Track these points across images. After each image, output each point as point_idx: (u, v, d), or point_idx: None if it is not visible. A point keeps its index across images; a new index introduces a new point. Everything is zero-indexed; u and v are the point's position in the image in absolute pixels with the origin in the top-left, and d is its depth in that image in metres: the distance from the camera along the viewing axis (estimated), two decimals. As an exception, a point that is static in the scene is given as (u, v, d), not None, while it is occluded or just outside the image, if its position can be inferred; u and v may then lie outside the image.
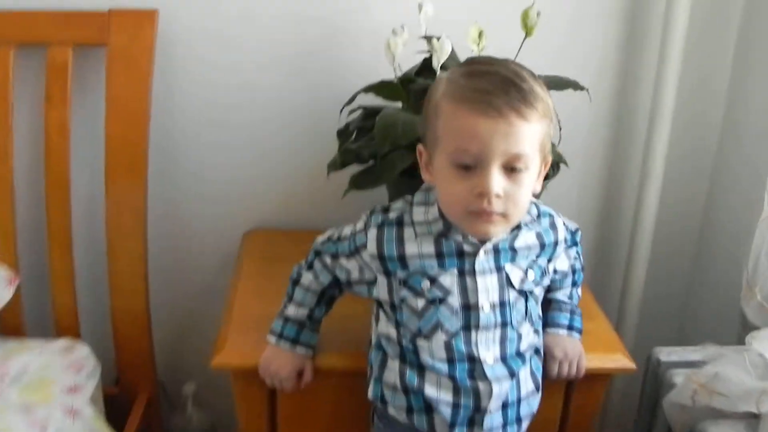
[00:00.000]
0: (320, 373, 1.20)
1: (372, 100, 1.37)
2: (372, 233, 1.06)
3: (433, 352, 1.05)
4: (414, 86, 1.29)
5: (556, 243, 1.09)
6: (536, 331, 1.11)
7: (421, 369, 1.05)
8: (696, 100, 1.60)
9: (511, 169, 0.96)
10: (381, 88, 1.34)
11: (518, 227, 1.05)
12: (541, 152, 0.99)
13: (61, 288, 1.55)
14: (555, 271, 1.13)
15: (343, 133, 1.38)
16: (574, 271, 1.19)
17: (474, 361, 1.04)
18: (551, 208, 1.13)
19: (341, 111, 1.37)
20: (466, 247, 1.03)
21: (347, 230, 1.12)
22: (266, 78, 1.54)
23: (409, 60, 1.35)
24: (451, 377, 1.04)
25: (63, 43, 1.43)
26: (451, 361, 1.04)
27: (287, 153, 1.59)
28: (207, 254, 1.67)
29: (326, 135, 1.44)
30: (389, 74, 1.33)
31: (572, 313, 1.19)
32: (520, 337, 1.07)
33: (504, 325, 1.05)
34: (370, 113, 1.34)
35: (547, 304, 1.19)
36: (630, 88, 1.60)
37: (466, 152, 0.95)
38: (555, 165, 1.30)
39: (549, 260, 1.10)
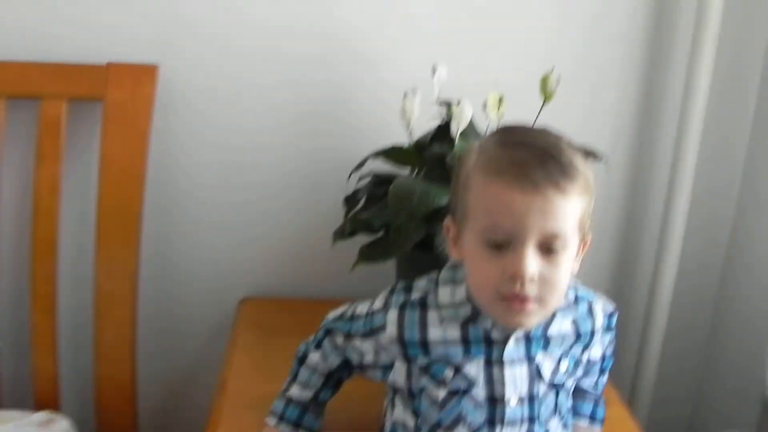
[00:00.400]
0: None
1: (380, 166, 1.32)
2: (392, 315, 0.98)
3: None
4: (428, 153, 1.23)
5: (593, 332, 1.01)
6: (565, 425, 1.02)
7: None
8: (715, 170, 1.56)
9: (547, 249, 0.88)
10: (393, 154, 1.28)
11: (553, 315, 0.97)
12: (580, 231, 0.91)
13: (42, 355, 1.45)
14: (588, 361, 1.05)
15: (350, 200, 1.32)
16: (603, 358, 1.10)
17: None
18: (589, 290, 1.06)
19: (349, 176, 1.31)
20: (495, 334, 0.95)
21: (362, 308, 1.04)
22: (269, 139, 1.48)
23: (419, 126, 1.29)
24: None
25: (57, 97, 1.37)
26: None
27: (290, 218, 1.53)
28: (200, 322, 1.59)
29: (332, 201, 1.39)
30: (397, 140, 1.28)
31: (596, 403, 1.12)
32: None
33: (531, 420, 0.97)
34: (381, 180, 1.27)
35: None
36: (647, 158, 1.56)
37: (499, 229, 0.87)
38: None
39: (584, 350, 1.02)
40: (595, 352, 1.05)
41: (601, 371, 1.10)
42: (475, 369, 0.95)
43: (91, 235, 1.41)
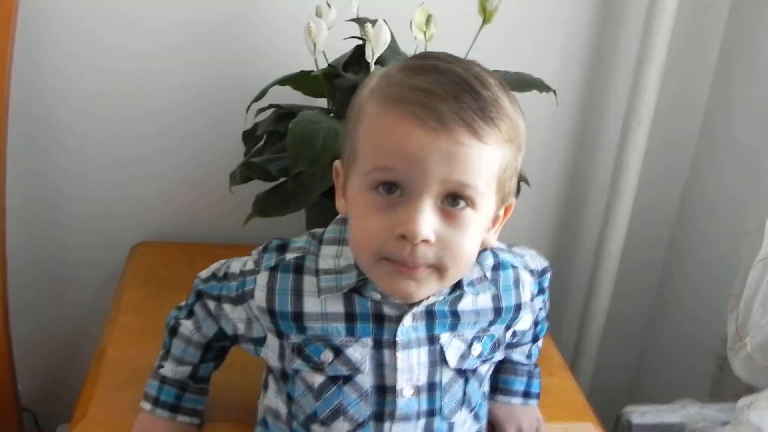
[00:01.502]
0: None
1: (290, 96, 1.14)
2: (262, 279, 0.80)
3: None
4: (341, 81, 1.05)
5: (518, 307, 0.84)
6: (477, 416, 0.86)
7: None
8: (673, 111, 1.44)
9: (451, 203, 0.70)
10: (299, 81, 1.10)
11: (459, 286, 0.79)
12: (499, 188, 0.72)
13: None
14: (514, 334, 0.89)
15: (249, 136, 1.14)
16: (536, 323, 0.94)
17: None
18: (518, 247, 0.89)
19: (248, 108, 1.13)
20: (387, 309, 0.78)
21: (235, 266, 0.86)
22: (160, 63, 1.30)
23: (336, 49, 1.11)
24: None
25: None
26: None
27: (187, 155, 1.37)
28: (86, 272, 1.44)
29: (233, 136, 1.20)
30: (312, 64, 1.08)
31: (530, 376, 0.97)
32: (452, 428, 0.83)
33: (431, 413, 0.80)
34: (284, 114, 1.09)
35: (499, 363, 0.94)
36: (601, 93, 1.42)
37: (388, 172, 0.69)
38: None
39: (507, 328, 0.85)
40: (524, 323, 0.88)
41: (534, 339, 0.95)
42: (360, 352, 0.78)
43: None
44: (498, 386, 0.95)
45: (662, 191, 1.50)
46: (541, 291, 0.92)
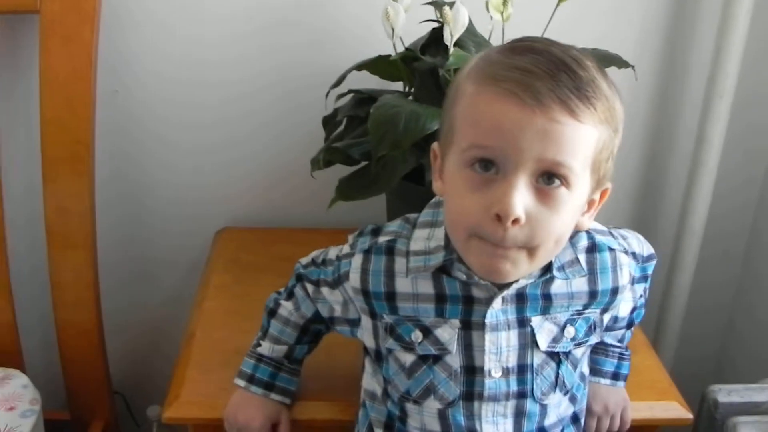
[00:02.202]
0: (299, 427, 0.99)
1: (367, 80, 1.14)
2: (356, 261, 0.82)
3: (423, 422, 0.82)
4: (419, 65, 1.04)
5: (615, 291, 0.82)
6: (573, 398, 0.86)
7: None
8: (758, 78, 1.37)
9: (546, 181, 0.69)
10: (377, 66, 1.10)
11: (549, 269, 0.79)
12: (594, 171, 0.72)
13: (-3, 304, 1.33)
14: (615, 319, 0.88)
15: (329, 122, 1.14)
16: (632, 310, 0.93)
17: None
18: (622, 229, 0.88)
19: (327, 94, 1.13)
20: (477, 292, 0.78)
21: (333, 252, 0.89)
22: (237, 51, 1.32)
23: (412, 32, 1.10)
24: None
25: (-15, 11, 1.20)
26: None
27: (267, 141, 1.38)
28: (172, 257, 1.48)
29: (312, 121, 1.21)
30: (388, 48, 1.08)
31: (620, 358, 0.96)
32: (545, 410, 0.82)
33: (521, 395, 0.80)
34: (363, 99, 1.09)
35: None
36: (679, 67, 1.37)
37: (484, 149, 0.69)
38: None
39: (604, 312, 0.83)
40: (624, 309, 0.88)
41: (629, 325, 0.94)
42: (448, 332, 0.79)
43: (38, 167, 1.26)
44: (589, 366, 0.94)
45: (746, 171, 1.45)
46: (644, 277, 0.91)
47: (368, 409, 0.88)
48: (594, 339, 0.84)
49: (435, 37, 1.07)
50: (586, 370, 0.88)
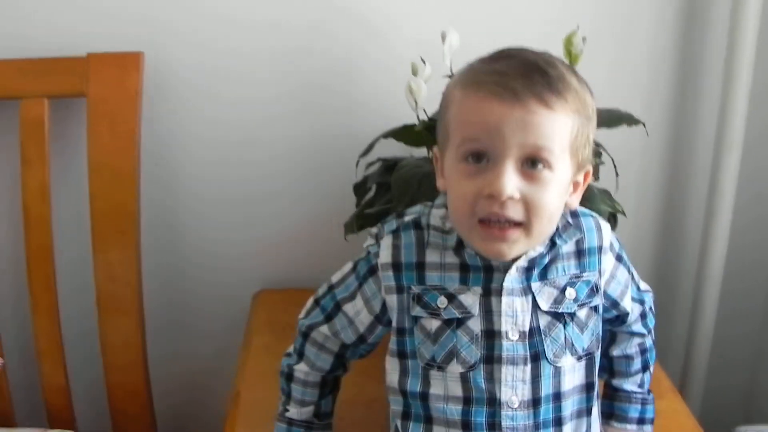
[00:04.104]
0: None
1: (393, 144, 1.20)
2: (387, 241, 0.89)
3: (447, 387, 0.87)
4: (441, 133, 1.10)
5: (600, 249, 0.89)
6: (588, 366, 0.90)
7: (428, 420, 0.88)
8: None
9: (531, 165, 0.79)
10: (403, 134, 1.16)
11: (553, 242, 0.86)
12: (573, 154, 0.81)
13: (50, 367, 1.38)
14: (615, 305, 0.93)
15: (360, 188, 1.21)
16: (644, 351, 0.99)
17: (494, 403, 0.85)
18: None
19: (357, 162, 1.20)
20: (495, 262, 0.85)
21: (341, 271, 0.96)
22: (270, 125, 1.38)
23: (433, 98, 1.15)
24: (465, 424, 0.86)
25: (37, 96, 1.28)
26: (467, 401, 0.86)
27: (299, 209, 1.44)
28: (213, 320, 1.52)
29: (342, 187, 1.27)
30: (410, 115, 1.15)
31: (644, 403, 1.00)
32: (559, 373, 0.87)
33: (535, 357, 0.86)
34: (390, 165, 1.16)
35: (613, 391, 1.00)
36: (689, 119, 1.43)
37: (474, 142, 0.79)
38: (612, 217, 1.11)
39: (595, 271, 0.89)
40: (626, 300, 0.94)
41: (645, 367, 1.00)
42: (471, 298, 0.86)
43: (87, 239, 1.33)
44: (613, 413, 0.99)
45: (760, 211, 1.49)
46: (642, 307, 0.97)
47: (391, 403, 0.92)
48: (596, 301, 0.89)
49: (455, 106, 1.13)
50: (589, 339, 0.90)
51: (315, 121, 1.38)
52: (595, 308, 0.89)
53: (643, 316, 0.98)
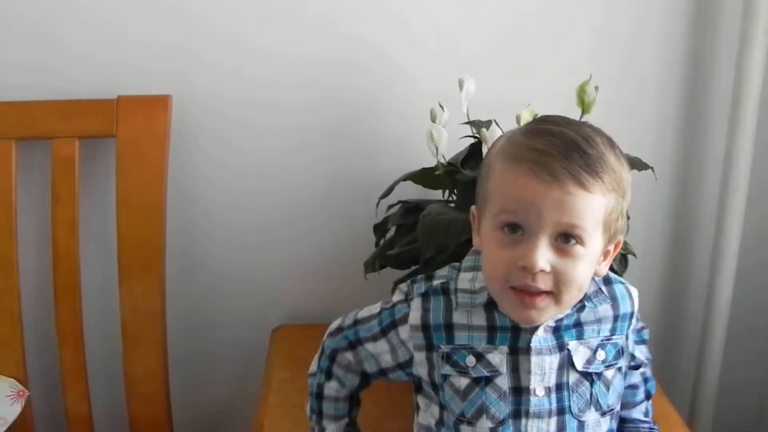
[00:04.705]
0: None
1: (411, 186, 1.25)
2: (416, 303, 0.92)
3: None
4: (461, 177, 1.15)
5: (632, 315, 0.94)
6: (609, 421, 0.93)
7: None
8: None
9: (564, 241, 0.82)
10: (422, 177, 1.21)
11: (582, 305, 0.90)
12: (605, 230, 0.84)
13: (74, 398, 1.42)
14: (633, 358, 0.98)
15: (379, 228, 1.25)
16: (646, 380, 1.03)
17: None
18: None
19: (378, 204, 1.24)
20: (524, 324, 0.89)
21: (367, 311, 0.99)
22: (292, 164, 1.43)
23: (451, 143, 1.20)
24: None
25: (68, 136, 1.32)
26: None
27: (320, 245, 1.48)
28: (234, 354, 1.55)
29: (362, 225, 1.32)
30: (428, 158, 1.19)
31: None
32: (583, 427, 0.91)
33: (561, 411, 0.90)
34: (410, 208, 1.20)
35: (621, 423, 1.02)
36: (696, 165, 1.47)
37: (511, 214, 0.83)
38: (623, 258, 1.15)
39: (627, 337, 0.94)
40: (639, 352, 0.99)
41: (648, 396, 1.03)
42: (498, 357, 0.89)
43: (114, 275, 1.37)
44: None
45: (765, 252, 1.52)
46: (642, 341, 1.00)
47: None
48: (622, 362, 0.93)
49: (473, 152, 1.17)
50: (615, 397, 0.94)
51: (336, 167, 1.43)
52: (620, 369, 0.93)
53: (643, 343, 1.02)
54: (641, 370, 1.02)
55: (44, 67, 1.35)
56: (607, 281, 0.93)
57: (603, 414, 0.91)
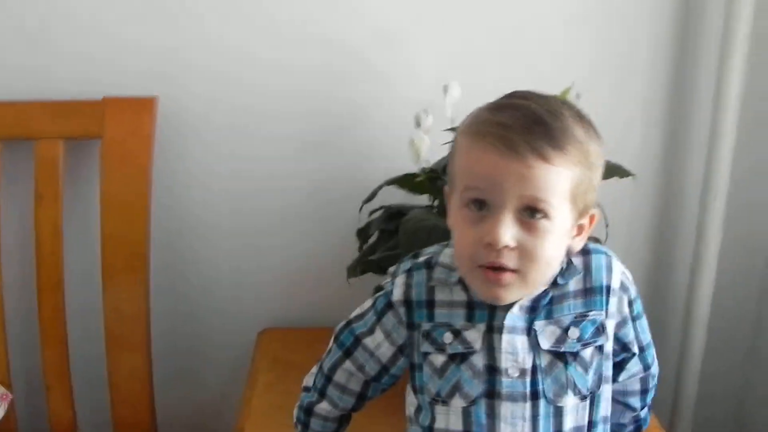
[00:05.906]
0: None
1: (394, 193, 1.25)
2: (400, 279, 0.92)
3: (449, 422, 0.89)
4: (442, 183, 1.15)
5: (608, 288, 0.90)
6: (592, 404, 0.90)
7: None
8: (750, 176, 1.48)
9: (529, 215, 0.81)
10: (405, 182, 1.22)
11: (555, 282, 0.88)
12: (573, 204, 0.83)
13: (57, 400, 1.42)
14: (623, 345, 0.94)
15: (363, 233, 1.25)
16: (636, 420, 1.02)
17: None
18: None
19: (360, 208, 1.25)
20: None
21: (361, 308, 0.98)
22: (276, 168, 1.43)
23: (435, 149, 1.21)
24: None
25: (53, 136, 1.32)
26: None
27: (304, 249, 1.48)
28: (219, 357, 1.55)
29: (346, 230, 1.33)
30: (412, 164, 1.21)
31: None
32: (560, 413, 0.88)
33: (535, 396, 0.87)
34: (393, 213, 1.21)
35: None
36: (677, 169, 1.48)
37: (475, 191, 0.82)
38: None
39: (601, 310, 0.90)
40: (624, 332, 0.94)
41: (636, 425, 1.02)
42: (474, 334, 0.88)
43: (98, 277, 1.37)
44: None
45: (745, 256, 1.53)
46: (644, 391, 1.00)
47: None
48: (602, 341, 0.89)
49: (455, 157, 1.19)
50: (593, 380, 0.90)
51: (321, 172, 1.43)
52: (601, 348, 0.90)
53: (644, 392, 1.00)
54: (633, 414, 1.00)
55: (29, 68, 1.35)
56: (585, 251, 0.90)
57: (583, 398, 0.88)
